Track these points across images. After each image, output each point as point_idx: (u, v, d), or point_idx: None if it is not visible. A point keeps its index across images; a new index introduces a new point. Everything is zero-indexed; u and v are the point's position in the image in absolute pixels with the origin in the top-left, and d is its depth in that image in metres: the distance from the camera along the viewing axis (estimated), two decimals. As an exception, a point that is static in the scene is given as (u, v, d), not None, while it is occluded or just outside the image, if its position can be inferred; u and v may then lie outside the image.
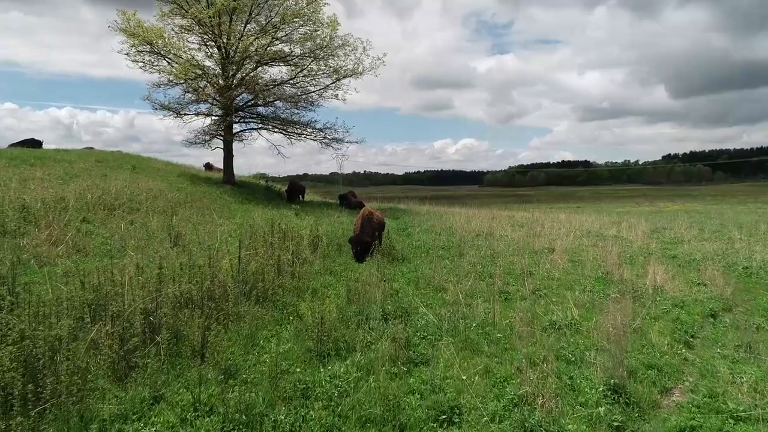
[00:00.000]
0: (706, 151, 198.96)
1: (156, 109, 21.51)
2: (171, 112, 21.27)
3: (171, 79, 18.94)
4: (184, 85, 20.15)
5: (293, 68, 21.04)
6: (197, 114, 21.37)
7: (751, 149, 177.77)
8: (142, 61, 20.08)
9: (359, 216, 9.79)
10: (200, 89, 19.16)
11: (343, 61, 20.98)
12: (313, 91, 21.22)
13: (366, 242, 9.23)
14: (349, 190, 28.01)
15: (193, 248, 9.35)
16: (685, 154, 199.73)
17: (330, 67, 21.37)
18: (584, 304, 7.21)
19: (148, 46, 19.19)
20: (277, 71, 21.92)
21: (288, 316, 5.73)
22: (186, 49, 20.03)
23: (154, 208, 12.36)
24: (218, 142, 21.74)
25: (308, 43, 20.18)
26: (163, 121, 22.21)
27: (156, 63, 20.03)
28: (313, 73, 21.47)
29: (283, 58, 19.76)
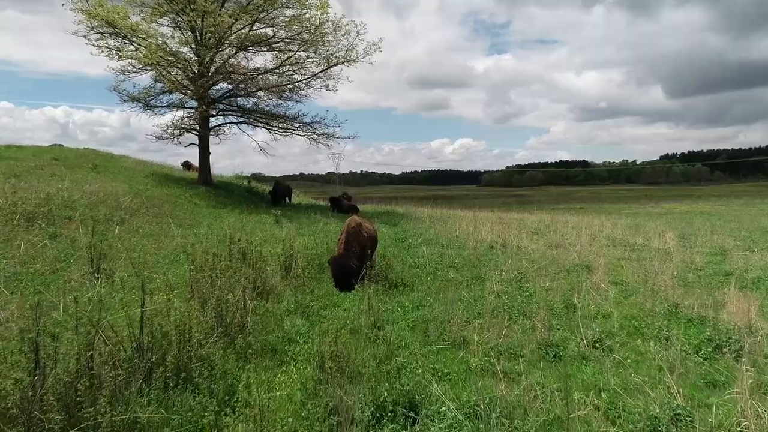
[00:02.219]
0: (704, 150, 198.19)
1: (124, 101, 19.10)
2: (140, 104, 18.87)
3: (135, 64, 16.49)
4: (153, 72, 17.73)
5: (278, 53, 18.62)
6: (169, 106, 18.96)
7: (750, 149, 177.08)
8: (106, 46, 17.64)
9: (344, 230, 7.40)
10: (170, 76, 16.71)
11: (335, 47, 18.59)
12: (300, 80, 18.78)
13: (351, 267, 6.87)
14: (343, 191, 25.55)
15: (123, 274, 6.97)
16: (683, 154, 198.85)
17: (320, 54, 18.97)
18: (674, 366, 4.87)
19: (110, 28, 16.73)
20: (260, 59, 19.57)
21: (211, 422, 3.32)
22: (155, 32, 17.58)
23: (93, 217, 9.94)
24: (194, 139, 19.30)
25: (294, 26, 17.76)
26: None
27: (122, 48, 17.58)
28: (301, 60, 19.06)
29: (265, 41, 17.29)
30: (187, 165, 24.45)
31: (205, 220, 12.77)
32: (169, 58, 16.96)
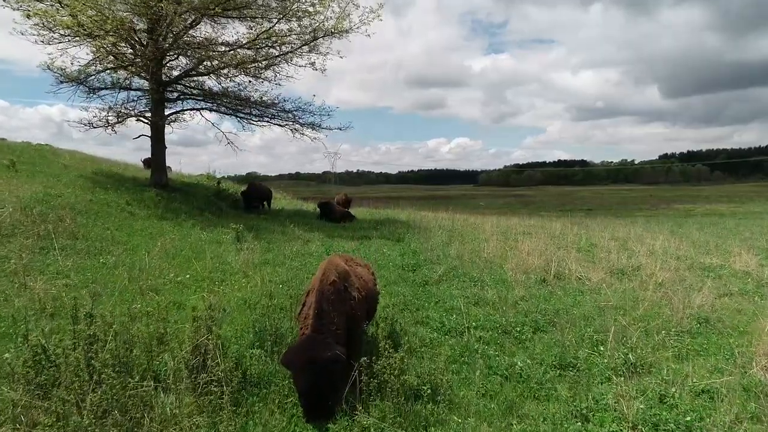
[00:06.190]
0: (704, 150, 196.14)
1: (60, 82, 15.17)
2: (79, 85, 14.97)
3: (53, 28, 12.63)
4: (88, 42, 13.83)
5: (252, 24, 14.76)
6: (114, 87, 15.07)
7: (749, 149, 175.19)
8: (33, 12, 13.75)
9: (314, 285, 3.56)
10: (104, 44, 12.84)
11: (323, 14, 14.76)
12: (278, 55, 14.90)
13: (329, 370, 3.15)
14: (340, 193, 21.37)
15: None
16: (681, 153, 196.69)
17: (305, 27, 15.15)
18: None
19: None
20: (231, 31, 15.67)
21: None
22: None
23: None
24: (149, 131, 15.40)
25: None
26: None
27: (52, 13, 13.68)
28: (282, 34, 15.21)
29: (233, 3, 13.40)
30: (148, 162, 20.53)
31: (133, 238, 8.96)
32: (106, 24, 13.02)
